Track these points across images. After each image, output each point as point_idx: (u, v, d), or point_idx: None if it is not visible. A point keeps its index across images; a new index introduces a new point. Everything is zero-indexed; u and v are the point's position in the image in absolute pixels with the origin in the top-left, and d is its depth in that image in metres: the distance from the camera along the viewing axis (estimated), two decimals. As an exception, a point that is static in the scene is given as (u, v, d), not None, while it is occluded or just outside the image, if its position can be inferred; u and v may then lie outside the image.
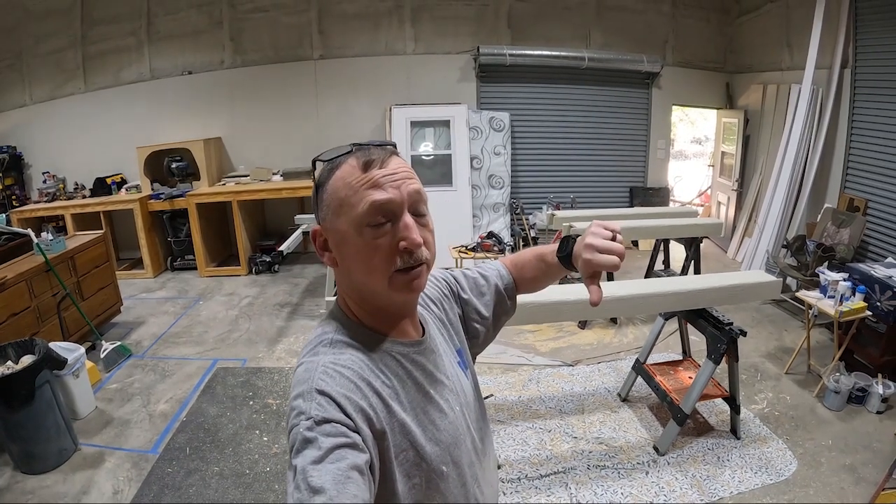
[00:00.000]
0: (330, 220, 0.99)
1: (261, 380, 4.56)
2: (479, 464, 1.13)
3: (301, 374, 0.94)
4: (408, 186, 0.97)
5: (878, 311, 4.12)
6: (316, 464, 0.78)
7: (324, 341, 1.01)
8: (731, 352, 3.52)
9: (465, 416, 1.12)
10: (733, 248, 7.77)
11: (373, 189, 0.94)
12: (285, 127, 7.93)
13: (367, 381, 0.93)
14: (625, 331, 5.45)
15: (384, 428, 0.91)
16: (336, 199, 0.97)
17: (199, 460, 3.55)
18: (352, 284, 1.03)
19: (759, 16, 7.62)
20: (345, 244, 0.97)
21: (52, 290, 4.65)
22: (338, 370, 0.92)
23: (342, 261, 1.00)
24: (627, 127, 8.42)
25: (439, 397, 1.06)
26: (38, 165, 7.69)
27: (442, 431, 1.02)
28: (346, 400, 0.88)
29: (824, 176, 6.30)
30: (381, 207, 0.94)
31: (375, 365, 0.98)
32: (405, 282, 0.97)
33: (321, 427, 0.83)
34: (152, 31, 7.55)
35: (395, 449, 0.93)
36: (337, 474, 0.77)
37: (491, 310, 1.36)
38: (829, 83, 6.08)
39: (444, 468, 1.00)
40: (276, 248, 6.38)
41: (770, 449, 3.59)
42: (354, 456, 0.81)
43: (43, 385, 3.42)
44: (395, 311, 1.05)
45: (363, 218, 0.94)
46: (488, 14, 7.82)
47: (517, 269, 1.41)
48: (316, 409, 0.85)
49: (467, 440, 1.10)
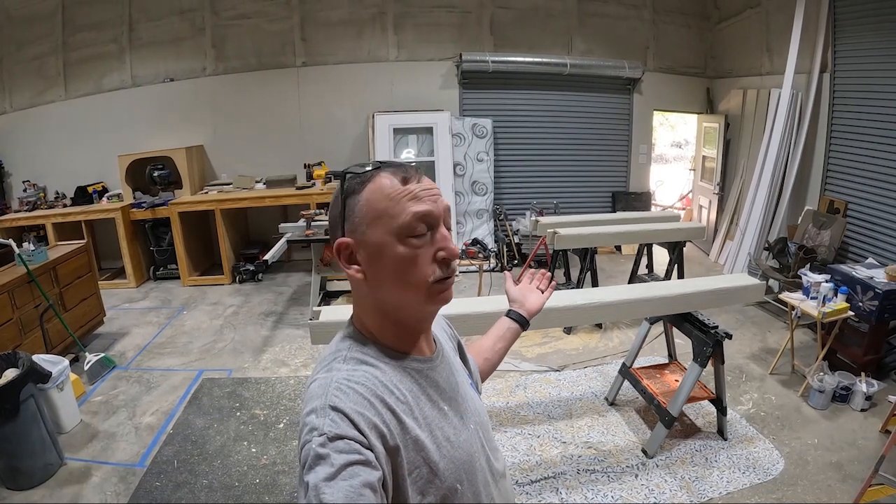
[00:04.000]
0: (362, 232, 0.99)
1: (247, 390, 4.52)
2: (494, 485, 1.12)
3: (315, 390, 0.94)
4: (442, 202, 1.01)
5: (860, 311, 4.19)
6: (328, 481, 0.79)
7: (338, 358, 1.01)
8: (717, 354, 3.55)
9: (479, 434, 1.11)
10: (715, 251, 7.84)
11: (413, 201, 0.97)
12: (268, 134, 7.89)
13: (380, 398, 0.93)
14: (610, 335, 5.48)
15: (398, 444, 0.91)
16: (373, 210, 0.98)
17: (187, 473, 3.51)
18: (380, 297, 1.02)
19: (739, 21, 7.72)
20: (381, 255, 0.98)
21: (34, 302, 4.59)
22: (351, 387, 0.92)
23: (375, 273, 1.00)
24: (609, 132, 8.48)
25: (454, 414, 1.06)
26: (19, 174, 7.59)
27: (456, 448, 1.01)
28: (360, 416, 0.88)
29: (804, 179, 6.39)
30: (424, 218, 0.97)
31: (390, 381, 0.98)
32: (439, 291, 0.99)
33: (334, 444, 0.83)
34: (134, 38, 7.48)
35: (409, 466, 0.93)
36: (349, 492, 0.78)
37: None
38: (809, 87, 6.18)
39: (458, 486, 0.99)
40: (260, 256, 6.34)
41: (757, 449, 3.63)
42: (367, 473, 0.81)
43: (27, 399, 3.37)
44: (415, 325, 1.06)
45: (404, 228, 0.96)
46: (471, 21, 7.85)
47: (488, 365, 1.56)
48: (329, 425, 0.85)
49: (482, 458, 1.09)
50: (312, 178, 7.36)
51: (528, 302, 1.62)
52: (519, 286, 1.68)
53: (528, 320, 1.60)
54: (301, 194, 7.08)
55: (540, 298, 1.64)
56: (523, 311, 1.60)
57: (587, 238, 5.48)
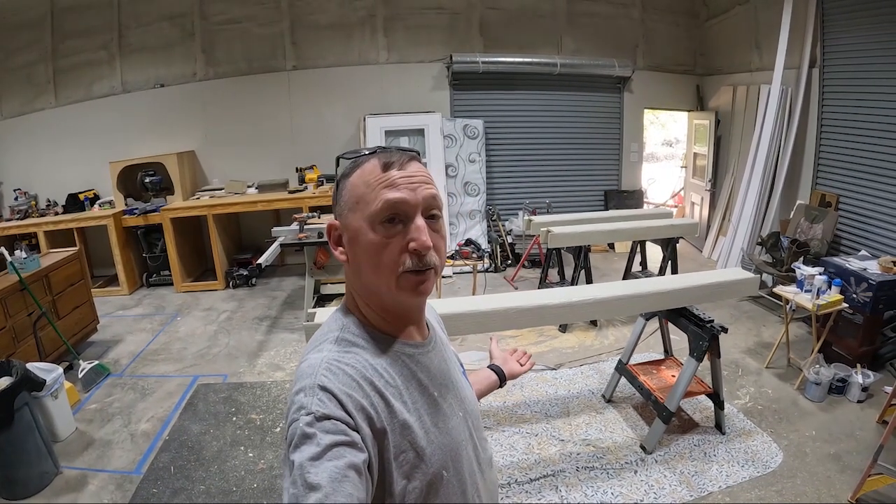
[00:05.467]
0: (345, 216, 1.01)
1: (243, 395, 4.50)
2: (480, 474, 1.12)
3: (304, 370, 0.94)
4: (423, 190, 0.99)
5: (855, 303, 4.22)
6: (314, 460, 0.79)
7: (329, 338, 1.01)
8: (713, 348, 3.56)
9: (467, 423, 1.11)
10: (708, 247, 7.87)
11: (388, 188, 0.96)
12: (259, 139, 7.86)
13: (369, 380, 0.94)
14: (606, 333, 5.48)
15: (385, 427, 0.91)
16: (353, 196, 0.99)
17: (184, 479, 3.48)
18: (361, 282, 1.03)
19: (728, 18, 7.77)
20: (357, 240, 0.99)
21: (27, 310, 4.56)
22: (341, 367, 0.93)
23: (353, 256, 1.01)
24: (600, 131, 8.51)
25: (443, 400, 1.05)
26: (10, 182, 7.52)
27: (444, 434, 1.01)
28: (348, 398, 0.88)
29: (796, 173, 6.42)
30: (394, 206, 0.96)
31: (380, 364, 0.98)
32: (412, 284, 0.98)
33: (321, 423, 0.83)
34: (124, 44, 7.45)
35: (395, 449, 0.93)
36: (334, 472, 0.78)
37: None
38: (798, 83, 6.22)
39: (444, 472, 0.99)
40: (253, 261, 6.32)
41: (755, 442, 3.63)
42: (352, 455, 0.82)
43: (22, 407, 3.34)
44: (402, 313, 1.05)
45: (376, 215, 0.96)
46: (460, 22, 7.86)
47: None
48: (317, 404, 0.85)
49: (469, 448, 1.09)
50: (304, 182, 7.35)
51: (507, 365, 1.68)
52: (502, 354, 1.75)
53: (506, 378, 1.65)
54: (293, 198, 7.06)
55: (519, 368, 1.71)
56: (504, 369, 1.66)
57: (580, 236, 5.49)
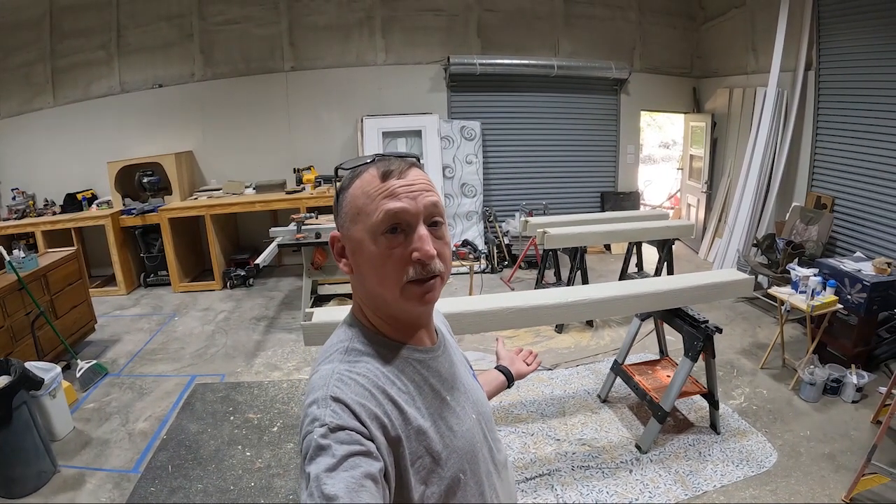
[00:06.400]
0: (347, 228, 1.00)
1: (240, 395, 4.51)
2: (497, 475, 1.12)
3: (316, 381, 0.94)
4: (424, 198, 0.97)
5: (849, 304, 4.25)
6: (330, 472, 0.79)
7: (339, 349, 1.01)
8: (708, 349, 3.58)
9: (481, 425, 1.11)
10: (704, 248, 7.90)
11: (389, 198, 0.95)
12: (257, 139, 7.88)
13: (381, 389, 0.93)
14: (601, 333, 5.51)
15: (399, 435, 0.91)
16: (353, 207, 0.99)
17: (181, 478, 3.49)
18: (366, 292, 1.03)
19: (725, 21, 7.80)
20: (360, 252, 0.98)
21: (25, 309, 4.56)
22: (353, 377, 0.92)
23: (357, 268, 1.01)
24: (597, 133, 8.54)
25: (456, 404, 1.05)
26: (7, 182, 7.52)
27: (459, 437, 1.01)
28: (361, 407, 0.88)
29: (791, 175, 6.45)
30: (396, 216, 0.95)
31: (391, 372, 0.98)
32: (418, 293, 0.97)
33: (335, 434, 0.83)
34: (122, 45, 7.46)
35: (411, 456, 0.92)
36: (350, 482, 0.78)
37: None
38: (794, 85, 6.25)
39: (461, 475, 0.99)
40: (251, 261, 6.32)
41: (750, 442, 3.66)
42: (368, 464, 0.81)
43: (20, 406, 3.35)
44: (409, 320, 1.05)
45: (378, 226, 0.95)
46: (458, 24, 7.88)
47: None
48: (330, 416, 0.85)
49: (484, 449, 1.09)
50: (302, 183, 7.37)
51: (515, 365, 1.67)
52: (509, 354, 1.73)
53: (514, 378, 1.64)
54: (291, 199, 7.07)
55: (526, 368, 1.70)
56: (512, 370, 1.65)
57: (577, 237, 5.51)
